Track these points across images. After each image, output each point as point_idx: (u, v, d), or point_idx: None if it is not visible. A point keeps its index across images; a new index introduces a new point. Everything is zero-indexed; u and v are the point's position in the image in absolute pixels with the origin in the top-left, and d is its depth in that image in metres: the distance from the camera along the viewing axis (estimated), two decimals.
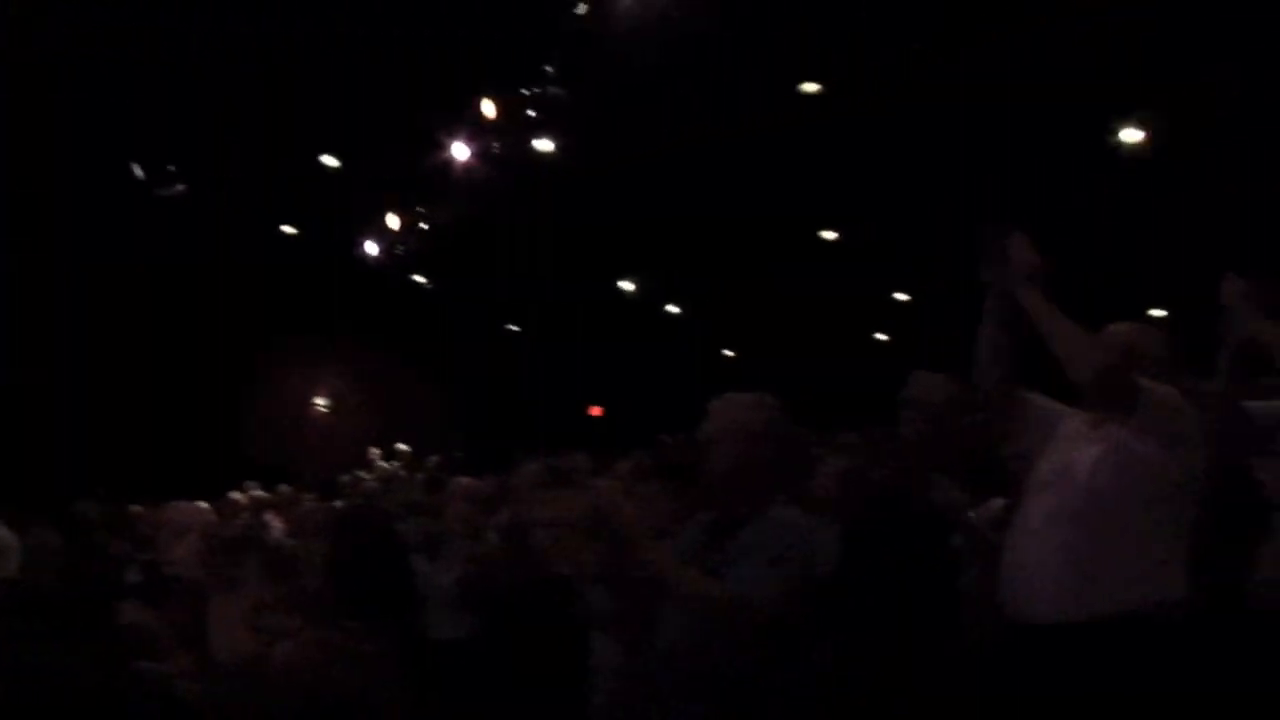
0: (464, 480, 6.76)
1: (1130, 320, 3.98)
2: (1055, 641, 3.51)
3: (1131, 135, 12.68)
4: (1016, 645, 3.69)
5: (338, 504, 9.67)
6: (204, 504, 6.59)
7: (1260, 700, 3.89)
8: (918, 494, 4.56)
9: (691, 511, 3.87)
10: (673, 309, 20.37)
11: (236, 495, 11.35)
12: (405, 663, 3.90)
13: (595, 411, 21.98)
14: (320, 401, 21.06)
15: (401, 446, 15.53)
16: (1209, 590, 3.68)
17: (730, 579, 3.27)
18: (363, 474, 14.12)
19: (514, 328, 21.34)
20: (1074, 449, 3.70)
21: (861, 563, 4.33)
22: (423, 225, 15.59)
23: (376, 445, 16.13)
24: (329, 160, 14.03)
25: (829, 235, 16.25)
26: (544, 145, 13.03)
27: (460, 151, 13.20)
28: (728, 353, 21.32)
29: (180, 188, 14.16)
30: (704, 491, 3.72)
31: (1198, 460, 3.63)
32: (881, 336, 20.56)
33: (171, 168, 14.04)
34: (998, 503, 4.79)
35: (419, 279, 18.49)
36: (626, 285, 18.91)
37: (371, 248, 16.05)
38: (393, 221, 15.41)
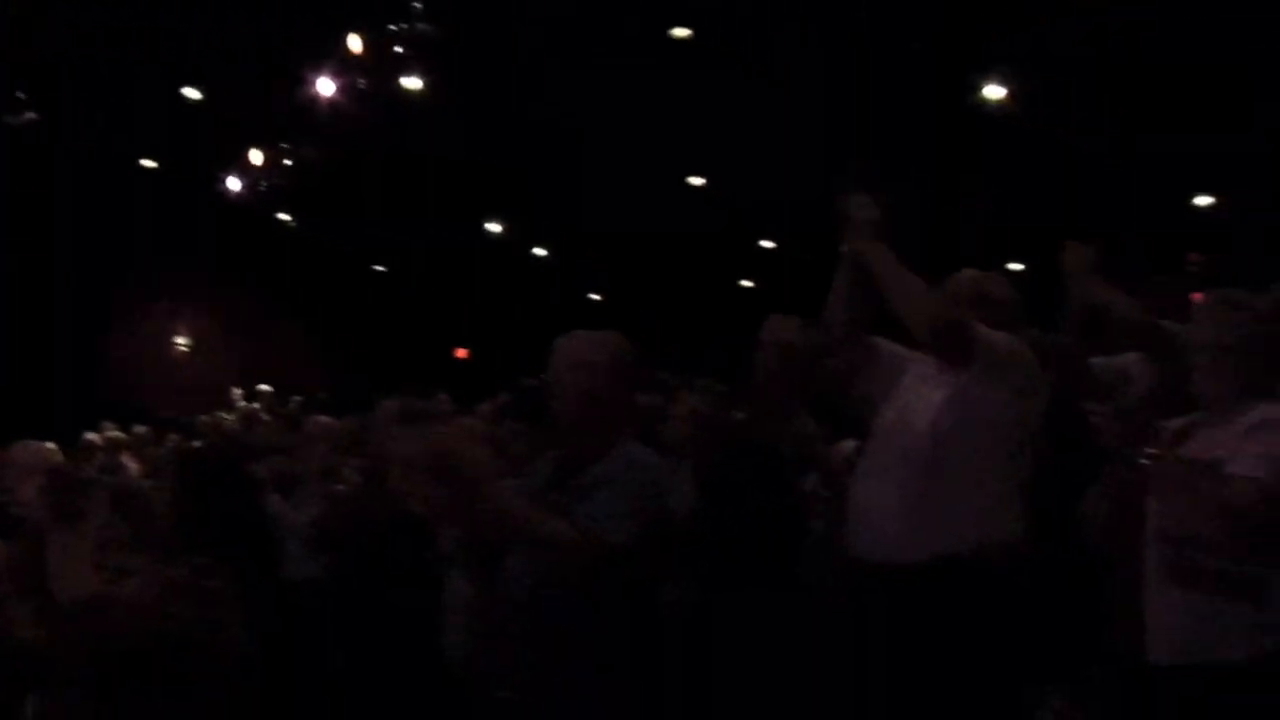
0: (321, 419, 6.69)
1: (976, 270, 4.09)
2: (897, 581, 3.62)
3: (994, 92, 12.93)
4: (860, 585, 3.78)
5: (196, 445, 9.51)
6: (51, 444, 6.43)
7: (1090, 635, 4.06)
8: (769, 436, 4.64)
9: (545, 452, 3.89)
10: (540, 252, 20.31)
11: (92, 436, 11.09)
12: (255, 601, 3.88)
13: (461, 354, 21.87)
14: (181, 340, 20.62)
15: (264, 387, 15.29)
16: (1043, 531, 3.81)
17: (579, 517, 3.29)
18: (223, 414, 13.89)
19: (380, 268, 21.11)
20: (918, 394, 3.80)
21: (713, 504, 4.39)
22: (287, 162, 15.30)
23: (239, 386, 15.86)
24: (191, 92, 13.65)
25: (696, 181, 16.30)
26: (411, 83, 12.85)
27: (326, 87, 12.96)
28: (594, 296, 21.34)
29: (31, 116, 13.66)
30: (553, 430, 3.74)
31: (1036, 407, 3.75)
32: (747, 283, 20.75)
33: (21, 95, 13.54)
34: (849, 445, 4.90)
35: (283, 217, 18.16)
36: (494, 227, 18.78)
37: (234, 184, 15.71)
38: (256, 157, 15.10)
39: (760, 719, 4.09)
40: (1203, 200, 15.76)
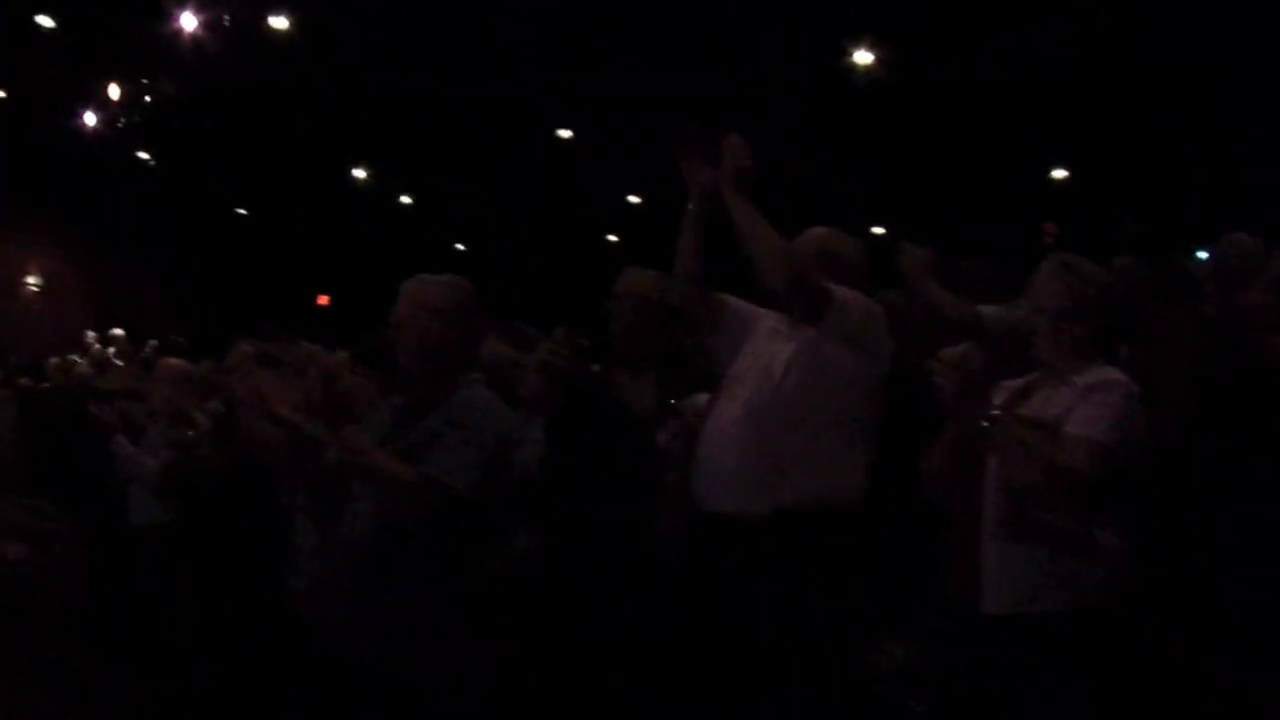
0: (171, 362, 6.53)
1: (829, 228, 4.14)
2: (739, 532, 3.67)
3: (863, 58, 13.08)
4: (704, 536, 3.83)
5: (37, 386, 9.25)
6: None
7: (926, 586, 4.18)
8: (623, 389, 4.66)
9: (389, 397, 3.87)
10: (405, 200, 20.08)
11: None
12: (97, 545, 3.81)
13: (323, 301, 21.58)
14: (32, 281, 19.99)
15: (117, 331, 14.94)
16: (885, 485, 3.89)
17: (422, 461, 3.28)
18: (75, 358, 13.54)
19: (242, 211, 20.69)
20: (767, 348, 3.84)
21: (561, 456, 4.41)
22: (147, 98, 14.86)
23: (93, 329, 15.47)
24: (45, 21, 13.15)
25: (564, 134, 16.24)
26: (279, 22, 12.57)
27: (189, 22, 12.62)
28: (460, 246, 21.16)
29: None
30: (397, 375, 3.72)
31: (882, 365, 3.83)
32: (612, 238, 20.76)
33: None
34: (704, 398, 4.94)
35: (142, 155, 17.67)
36: (359, 173, 18.50)
37: (91, 119, 15.23)
38: (114, 92, 14.64)
39: (603, 669, 4.13)
40: (1059, 173, 16.19)
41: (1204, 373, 4.16)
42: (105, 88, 14.61)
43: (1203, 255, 6.39)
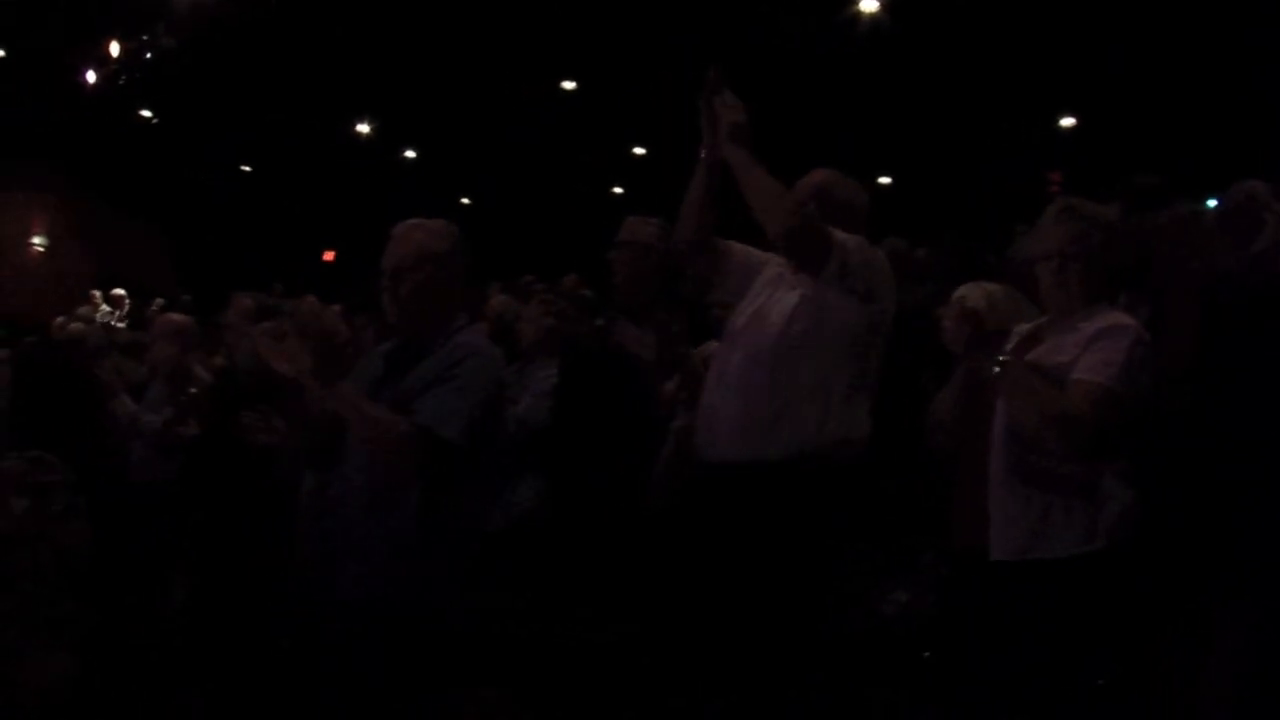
0: (170, 318, 6.48)
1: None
2: (744, 479, 3.65)
3: (869, 5, 12.98)
4: (708, 484, 3.81)
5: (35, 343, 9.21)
6: None
7: (933, 532, 4.17)
8: (626, 339, 4.64)
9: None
10: (410, 154, 20.01)
11: None
12: (97, 499, 3.80)
13: (328, 256, 21.54)
14: (37, 241, 19.97)
15: (118, 291, 14.93)
16: (891, 432, 3.87)
17: (415, 410, 3.24)
18: (82, 315, 13.54)
19: (246, 167, 20.64)
20: (771, 295, 3.81)
21: (566, 407, 4.39)
22: (148, 55, 14.76)
23: (97, 287, 15.46)
24: None
25: (569, 85, 16.15)
26: None
27: None
28: (465, 200, 21.11)
29: None
30: (389, 321, 3.68)
31: (887, 311, 3.80)
32: (618, 190, 20.71)
33: None
34: (712, 345, 4.92)
35: (145, 112, 17.59)
36: (363, 128, 18.43)
37: (91, 76, 15.14)
38: (115, 49, 14.55)
39: (606, 617, 4.13)
40: (1066, 121, 16.09)
41: (1210, 317, 4.12)
42: (106, 45, 14.51)
43: (1213, 203, 6.33)
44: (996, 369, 3.46)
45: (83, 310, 13.84)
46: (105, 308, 14.52)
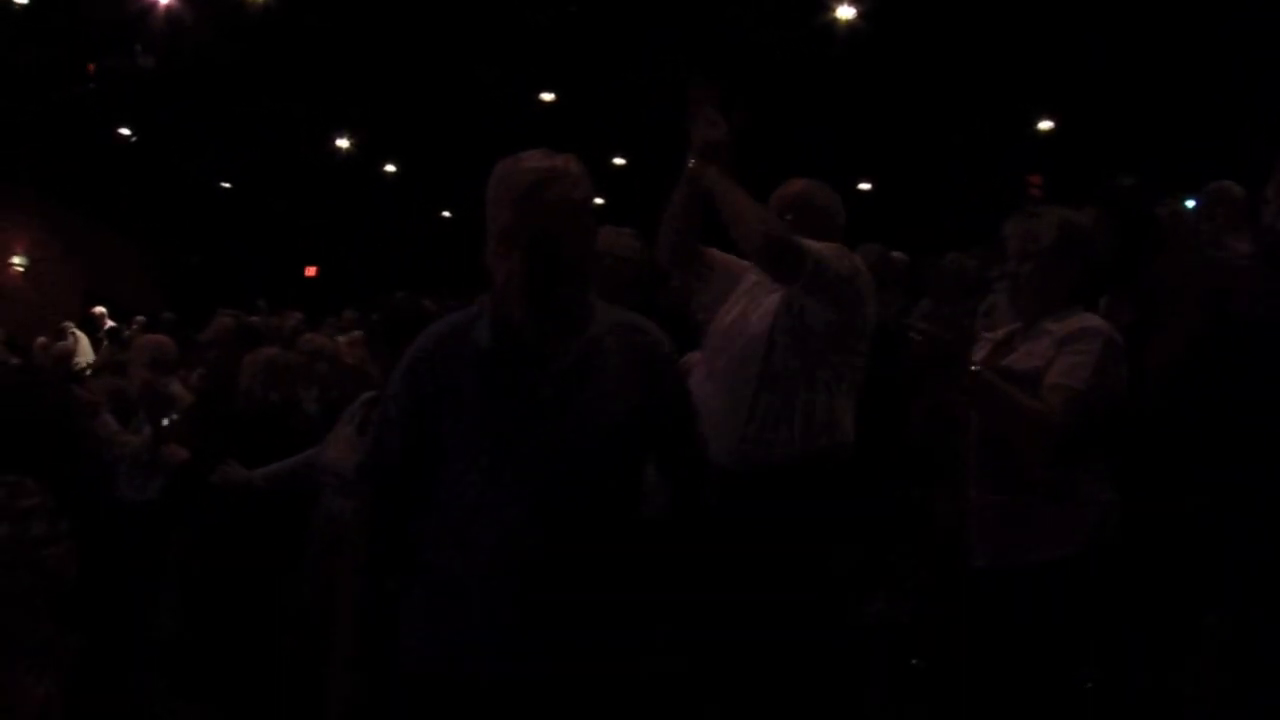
0: (147, 340, 6.45)
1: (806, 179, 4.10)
2: (727, 486, 3.64)
3: (845, 12, 13.02)
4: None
5: (12, 364, 9.18)
6: None
7: (914, 538, 4.17)
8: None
9: None
10: (390, 168, 19.98)
11: None
12: (80, 521, 3.77)
13: (310, 272, 21.50)
14: (17, 261, 19.88)
15: (98, 309, 14.87)
16: (873, 438, 3.87)
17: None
18: (65, 334, 13.49)
19: (226, 184, 20.58)
20: (753, 301, 3.82)
21: None
22: (126, 73, 14.72)
23: (80, 306, 15.42)
24: None
25: (547, 97, 16.15)
26: None
27: None
28: (445, 214, 21.08)
29: None
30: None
31: (866, 317, 3.80)
32: (598, 200, 20.68)
33: None
34: (695, 355, 4.91)
35: (124, 130, 17.54)
36: (343, 143, 18.40)
37: (71, 95, 15.09)
38: (93, 68, 14.53)
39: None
40: (1045, 125, 16.15)
41: (1187, 320, 4.13)
42: (84, 64, 14.47)
43: (1190, 204, 6.36)
44: (971, 374, 3.47)
45: (70, 330, 13.79)
46: (78, 333, 14.35)
